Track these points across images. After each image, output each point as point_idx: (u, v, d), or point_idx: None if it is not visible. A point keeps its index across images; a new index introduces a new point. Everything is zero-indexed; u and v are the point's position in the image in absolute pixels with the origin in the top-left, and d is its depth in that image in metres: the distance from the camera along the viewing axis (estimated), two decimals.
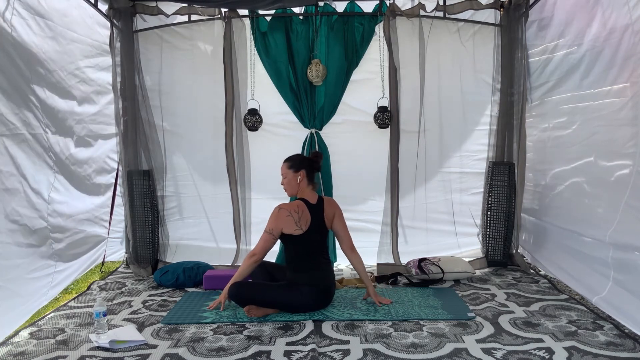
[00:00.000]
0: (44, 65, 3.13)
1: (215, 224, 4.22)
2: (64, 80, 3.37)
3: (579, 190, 3.23)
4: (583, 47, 3.10)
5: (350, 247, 3.17)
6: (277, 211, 3.05)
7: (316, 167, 3.18)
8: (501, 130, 4.01)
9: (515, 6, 3.86)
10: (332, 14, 3.94)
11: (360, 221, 4.14)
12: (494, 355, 2.37)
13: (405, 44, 3.94)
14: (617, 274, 2.74)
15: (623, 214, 2.66)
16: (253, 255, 3.04)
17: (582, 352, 2.37)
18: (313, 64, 3.89)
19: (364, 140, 4.14)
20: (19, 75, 2.87)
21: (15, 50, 2.84)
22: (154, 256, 4.08)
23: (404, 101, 3.97)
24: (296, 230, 3.01)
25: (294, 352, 2.46)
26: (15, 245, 2.81)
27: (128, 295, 3.49)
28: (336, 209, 3.20)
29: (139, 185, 4.02)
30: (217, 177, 4.11)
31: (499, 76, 4.01)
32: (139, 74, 3.98)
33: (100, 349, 2.54)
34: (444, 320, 2.86)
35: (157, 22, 4.03)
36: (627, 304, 2.60)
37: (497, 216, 4.04)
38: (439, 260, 3.70)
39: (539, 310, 2.99)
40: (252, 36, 3.98)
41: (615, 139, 2.77)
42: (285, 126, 4.14)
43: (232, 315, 3.00)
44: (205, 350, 2.51)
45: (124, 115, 3.93)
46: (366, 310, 3.04)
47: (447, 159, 4.18)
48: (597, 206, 3.00)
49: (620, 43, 2.70)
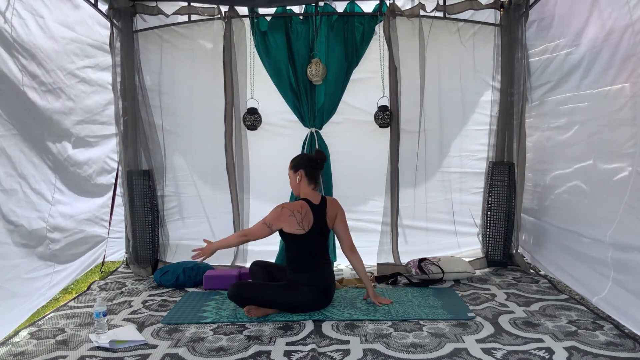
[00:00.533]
0: (42, 65, 3.13)
1: (215, 224, 4.21)
2: (62, 80, 3.36)
3: (579, 190, 3.23)
4: (583, 47, 3.10)
5: (350, 248, 3.17)
6: (279, 210, 3.04)
7: (315, 166, 3.13)
8: (501, 130, 4.01)
9: (515, 6, 3.86)
10: (332, 13, 3.94)
11: (360, 221, 4.14)
12: (494, 355, 2.37)
13: (405, 44, 3.94)
14: (617, 274, 2.74)
15: (623, 214, 2.65)
16: (244, 236, 3.15)
17: (582, 352, 2.37)
18: (313, 63, 3.89)
19: (364, 139, 4.14)
20: (14, 78, 2.86)
21: (14, 50, 2.84)
22: (154, 256, 4.08)
23: (404, 101, 3.98)
24: (298, 230, 3.01)
25: (294, 352, 2.46)
26: (14, 245, 2.80)
27: (128, 295, 3.49)
28: (338, 210, 3.19)
29: (139, 185, 4.02)
30: (216, 177, 4.10)
31: (499, 76, 4.01)
32: (139, 74, 3.98)
33: (100, 349, 2.54)
34: (444, 320, 2.86)
35: (157, 22, 4.03)
36: (627, 304, 2.60)
37: (497, 216, 4.04)
38: (439, 260, 3.70)
39: (539, 310, 2.99)
40: (252, 36, 3.98)
41: (615, 139, 2.77)
42: (285, 125, 4.14)
43: (232, 315, 3.00)
44: (205, 350, 2.51)
45: (124, 115, 3.93)
46: (366, 310, 3.04)
47: (447, 159, 4.19)
48: (596, 206, 3.00)
49: (620, 43, 2.70)
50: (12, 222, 2.78)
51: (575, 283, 3.24)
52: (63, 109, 3.40)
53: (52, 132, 3.26)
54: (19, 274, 2.87)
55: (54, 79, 3.28)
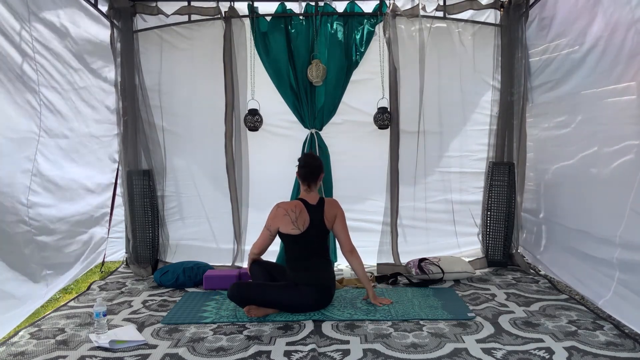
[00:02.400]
0: (41, 64, 3.12)
1: (215, 224, 4.22)
2: (60, 82, 3.35)
3: (579, 190, 3.22)
4: (584, 46, 3.09)
5: (349, 250, 3.15)
6: (275, 209, 3.11)
7: (299, 167, 3.15)
8: (501, 130, 4.01)
9: (515, 6, 3.86)
10: (332, 14, 3.95)
11: (360, 221, 4.13)
12: (494, 355, 2.37)
13: (405, 44, 3.95)
14: (621, 274, 2.72)
15: (628, 215, 2.63)
16: (252, 249, 3.24)
17: (582, 352, 2.37)
18: (313, 64, 3.89)
19: (364, 140, 4.14)
20: (18, 77, 2.86)
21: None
22: (154, 256, 4.08)
23: (403, 101, 3.97)
24: (293, 229, 3.03)
25: (294, 352, 2.46)
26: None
27: (128, 295, 3.49)
28: (338, 211, 3.18)
29: (139, 185, 4.02)
30: (217, 177, 4.10)
31: (499, 76, 4.01)
32: (138, 73, 3.98)
33: (100, 349, 2.54)
34: (444, 320, 2.86)
35: (157, 22, 4.03)
36: (630, 304, 2.59)
37: (497, 216, 4.04)
38: (439, 260, 3.70)
39: (539, 310, 2.99)
40: (252, 36, 3.98)
41: (617, 138, 2.76)
42: (285, 126, 4.14)
43: (232, 315, 3.00)
44: (205, 350, 2.51)
45: (124, 115, 3.93)
46: (366, 310, 3.04)
47: (447, 159, 4.19)
48: (598, 206, 2.99)
49: (623, 42, 2.69)
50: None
51: (577, 283, 3.23)
52: (63, 109, 3.38)
53: (50, 133, 3.22)
54: (16, 275, 2.80)
55: (54, 79, 3.26)
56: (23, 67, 2.90)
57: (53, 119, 3.22)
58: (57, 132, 3.29)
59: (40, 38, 3.06)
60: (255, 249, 3.22)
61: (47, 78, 3.15)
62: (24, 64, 2.91)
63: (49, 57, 3.17)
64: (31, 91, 2.98)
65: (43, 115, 3.09)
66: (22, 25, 2.86)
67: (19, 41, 2.84)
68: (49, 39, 3.16)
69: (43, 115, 3.09)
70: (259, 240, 3.19)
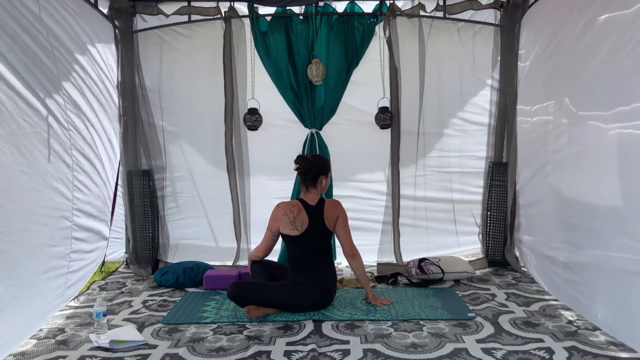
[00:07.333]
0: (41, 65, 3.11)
1: (215, 224, 4.22)
2: (59, 81, 3.34)
3: (580, 189, 3.21)
4: (584, 45, 3.09)
5: (350, 253, 3.11)
6: (275, 209, 3.13)
7: (296, 168, 3.16)
8: (501, 130, 4.01)
9: (514, 6, 3.86)
10: (332, 14, 3.95)
11: (361, 220, 4.14)
12: (494, 355, 2.37)
13: (405, 44, 3.95)
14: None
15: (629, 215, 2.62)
16: (253, 254, 3.25)
17: (582, 352, 2.37)
18: (313, 64, 3.89)
19: (364, 140, 4.14)
20: (46, 78, 2.86)
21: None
22: (154, 256, 4.09)
23: (404, 101, 3.97)
24: (292, 230, 3.03)
25: (294, 352, 2.46)
26: (32, 244, 2.70)
27: (128, 295, 3.49)
28: (340, 212, 3.14)
29: (139, 185, 4.02)
30: (217, 176, 4.11)
31: (499, 76, 4.01)
32: (138, 74, 3.98)
33: (100, 349, 2.54)
34: (444, 320, 2.86)
35: (157, 22, 4.03)
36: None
37: (497, 216, 4.04)
38: (439, 260, 3.70)
39: (539, 310, 2.99)
40: (252, 36, 3.98)
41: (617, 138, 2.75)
42: (285, 126, 4.14)
43: (232, 315, 3.00)
44: (205, 350, 2.51)
45: (124, 115, 3.93)
46: (366, 310, 3.04)
47: (447, 159, 4.18)
48: (599, 206, 2.98)
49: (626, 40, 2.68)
50: (33, 220, 2.71)
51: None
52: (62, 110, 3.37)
53: (70, 129, 3.22)
54: (35, 274, 2.75)
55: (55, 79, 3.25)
56: (44, 61, 2.90)
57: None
58: (81, 128, 3.33)
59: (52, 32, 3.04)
60: (259, 253, 3.21)
61: (65, 73, 3.17)
62: (45, 57, 2.90)
63: (64, 52, 3.15)
64: (56, 87, 3.02)
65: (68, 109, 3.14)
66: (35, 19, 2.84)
67: (37, 35, 2.83)
68: (60, 34, 3.13)
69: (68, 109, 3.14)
70: (262, 242, 3.19)
